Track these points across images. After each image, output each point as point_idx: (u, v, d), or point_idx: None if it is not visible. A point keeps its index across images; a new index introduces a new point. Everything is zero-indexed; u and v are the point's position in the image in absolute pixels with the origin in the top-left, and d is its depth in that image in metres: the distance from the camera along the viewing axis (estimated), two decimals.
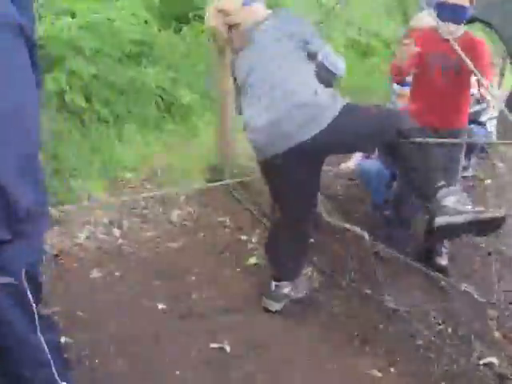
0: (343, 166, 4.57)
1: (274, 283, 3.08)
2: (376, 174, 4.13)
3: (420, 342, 2.89)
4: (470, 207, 2.61)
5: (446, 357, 2.78)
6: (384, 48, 9.39)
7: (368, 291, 3.23)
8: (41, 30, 4.30)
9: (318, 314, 3.08)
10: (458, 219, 2.57)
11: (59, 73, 4.30)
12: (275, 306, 3.08)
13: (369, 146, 3.03)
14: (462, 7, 3.07)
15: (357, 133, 2.70)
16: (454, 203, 2.61)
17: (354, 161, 4.50)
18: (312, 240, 3.49)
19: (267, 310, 3.06)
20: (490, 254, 3.68)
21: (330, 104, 2.64)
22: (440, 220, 2.61)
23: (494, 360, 2.75)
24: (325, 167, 2.96)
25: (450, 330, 3.03)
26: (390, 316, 3.05)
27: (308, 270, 3.31)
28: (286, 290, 3.09)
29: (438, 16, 3.02)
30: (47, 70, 4.28)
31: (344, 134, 2.67)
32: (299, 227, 2.99)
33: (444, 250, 3.65)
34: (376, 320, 3.05)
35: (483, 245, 3.79)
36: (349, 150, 3.48)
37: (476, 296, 3.01)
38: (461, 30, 3.20)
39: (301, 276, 3.18)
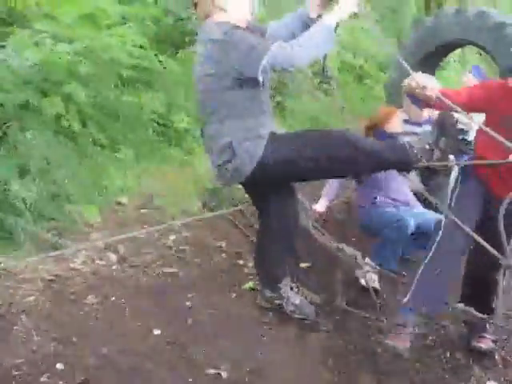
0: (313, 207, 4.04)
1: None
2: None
3: (418, 366, 2.87)
4: None
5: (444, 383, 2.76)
6: (378, 71, 9.49)
7: (364, 314, 3.22)
8: (40, 56, 4.34)
9: (315, 339, 3.06)
10: None
11: (56, 97, 4.31)
12: None
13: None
14: None
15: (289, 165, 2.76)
16: None
17: (322, 204, 4.05)
18: (309, 264, 3.49)
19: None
20: None
21: (248, 156, 2.73)
22: None
23: None
24: None
25: (448, 354, 3.01)
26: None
27: (306, 294, 3.30)
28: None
29: None
30: (45, 94, 4.30)
31: (272, 171, 2.78)
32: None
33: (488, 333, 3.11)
34: (373, 345, 3.04)
35: None
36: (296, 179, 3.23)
37: (474, 313, 2.95)
38: None
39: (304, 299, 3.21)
